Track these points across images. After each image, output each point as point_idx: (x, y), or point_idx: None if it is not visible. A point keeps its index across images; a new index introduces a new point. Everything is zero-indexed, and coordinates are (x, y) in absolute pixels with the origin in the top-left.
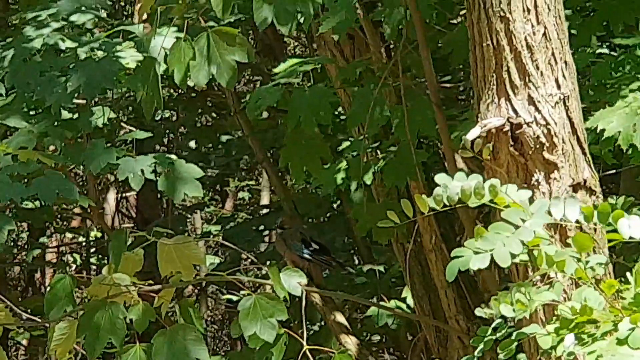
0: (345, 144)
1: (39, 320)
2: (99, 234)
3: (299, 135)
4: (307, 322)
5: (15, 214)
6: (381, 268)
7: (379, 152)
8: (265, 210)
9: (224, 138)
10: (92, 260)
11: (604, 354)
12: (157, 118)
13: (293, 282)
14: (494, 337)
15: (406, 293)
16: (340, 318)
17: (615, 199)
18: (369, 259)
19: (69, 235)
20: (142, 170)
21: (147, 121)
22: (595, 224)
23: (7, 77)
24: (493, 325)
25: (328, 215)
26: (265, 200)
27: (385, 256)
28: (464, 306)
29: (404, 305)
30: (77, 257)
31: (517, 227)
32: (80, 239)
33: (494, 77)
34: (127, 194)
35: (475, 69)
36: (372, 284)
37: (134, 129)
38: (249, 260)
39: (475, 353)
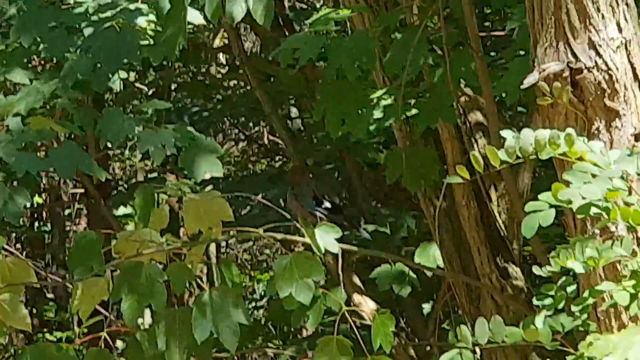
0: (377, 93)
1: (61, 280)
2: (40, 200)
3: (335, 86)
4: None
5: None
6: (387, 230)
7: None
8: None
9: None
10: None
11: None
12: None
13: (329, 238)
14: (564, 295)
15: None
16: (355, 279)
17: None
18: (372, 219)
19: None
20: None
21: (171, 58)
22: None
23: (13, 31)
24: (560, 282)
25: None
26: None
27: (390, 217)
28: (497, 264)
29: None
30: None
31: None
32: None
33: (552, 20)
34: None
35: (532, 11)
36: (378, 244)
37: (144, 87)
38: None
39: (544, 312)
